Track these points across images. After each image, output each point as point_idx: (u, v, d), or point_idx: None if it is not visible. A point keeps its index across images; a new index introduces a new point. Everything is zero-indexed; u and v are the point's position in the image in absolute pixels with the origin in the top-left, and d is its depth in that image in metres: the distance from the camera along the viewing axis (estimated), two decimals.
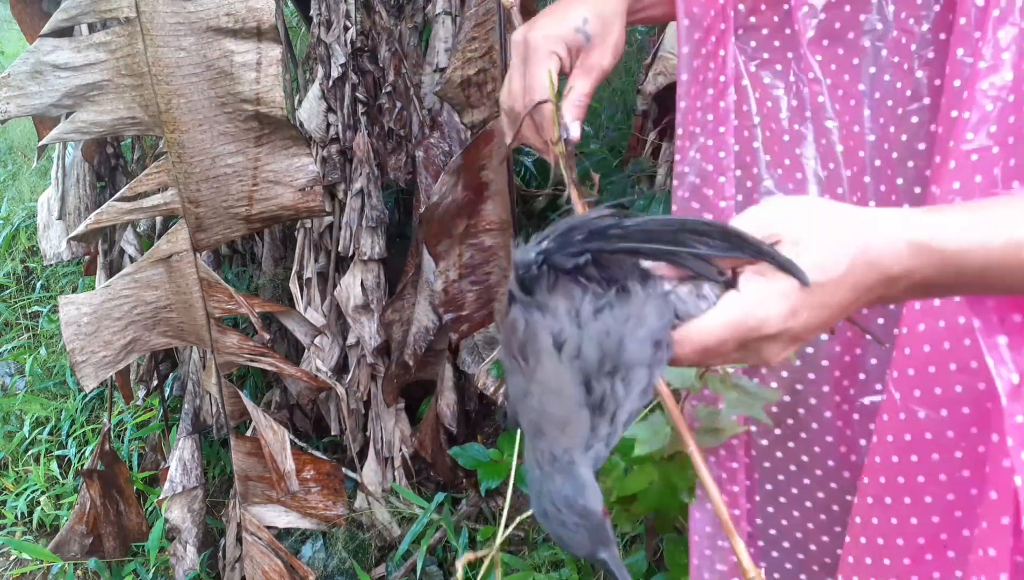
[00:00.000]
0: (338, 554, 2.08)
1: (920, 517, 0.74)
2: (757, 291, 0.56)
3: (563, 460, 0.52)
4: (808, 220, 0.57)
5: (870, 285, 0.56)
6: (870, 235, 0.56)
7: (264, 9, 1.44)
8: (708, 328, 0.56)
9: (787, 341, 0.57)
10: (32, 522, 2.58)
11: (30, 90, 1.42)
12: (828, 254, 0.56)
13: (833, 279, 0.55)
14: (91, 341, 1.58)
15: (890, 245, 0.56)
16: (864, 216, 0.58)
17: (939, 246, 0.56)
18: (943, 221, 0.57)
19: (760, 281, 0.56)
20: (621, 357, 0.53)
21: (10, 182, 4.24)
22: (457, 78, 1.79)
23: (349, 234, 2.09)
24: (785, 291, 0.55)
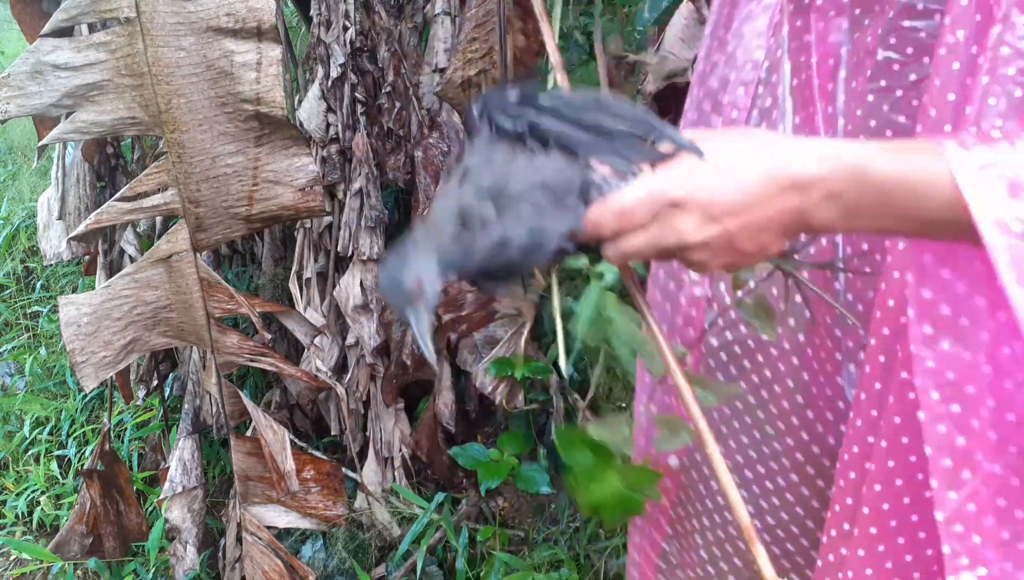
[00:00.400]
0: (338, 554, 2.08)
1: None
2: (666, 168, 0.63)
3: (410, 245, 0.66)
4: (722, 132, 0.65)
5: (781, 183, 0.60)
6: (778, 139, 0.64)
7: (264, 9, 1.44)
8: (623, 194, 0.63)
9: (699, 213, 0.61)
10: (32, 522, 2.58)
11: (30, 90, 1.42)
12: (729, 144, 0.63)
13: (736, 160, 0.61)
14: (91, 341, 1.58)
15: (799, 150, 0.61)
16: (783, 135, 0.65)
17: (848, 158, 0.60)
18: (854, 144, 0.63)
19: (671, 165, 0.63)
20: (504, 188, 0.63)
21: (10, 182, 4.24)
22: (458, 78, 1.79)
23: (348, 234, 2.10)
24: (694, 167, 0.62)
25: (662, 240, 0.63)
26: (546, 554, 1.94)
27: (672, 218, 0.62)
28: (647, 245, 0.63)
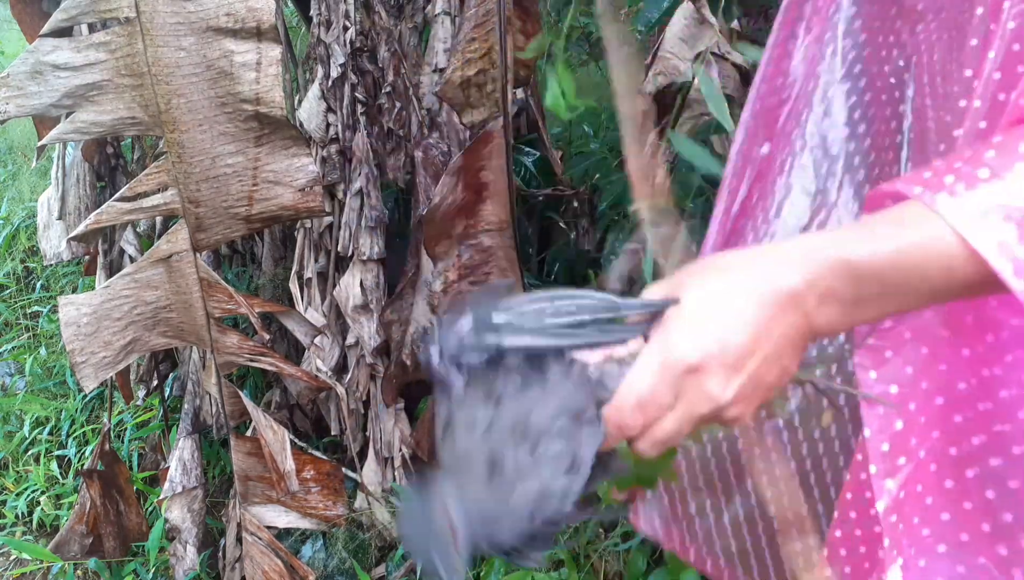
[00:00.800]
0: (338, 554, 2.08)
1: None
2: (662, 334, 0.58)
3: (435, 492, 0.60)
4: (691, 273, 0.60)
5: (777, 304, 0.57)
6: (752, 258, 0.59)
7: (264, 9, 1.44)
8: (633, 382, 0.58)
9: (722, 369, 0.57)
10: (32, 522, 2.58)
11: (30, 90, 1.42)
12: (708, 286, 0.58)
13: (724, 300, 0.57)
14: (91, 341, 1.58)
15: (779, 262, 0.58)
16: (753, 250, 0.60)
17: (831, 252, 0.57)
18: (833, 234, 0.59)
19: (661, 327, 0.58)
20: (529, 428, 0.57)
21: (10, 182, 4.24)
22: (457, 79, 1.79)
23: (348, 234, 2.09)
24: (686, 324, 0.58)
25: (695, 412, 0.58)
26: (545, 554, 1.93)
27: (697, 386, 0.57)
28: (681, 424, 0.59)
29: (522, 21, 1.87)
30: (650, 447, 0.60)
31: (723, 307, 0.57)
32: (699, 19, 1.96)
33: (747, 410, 0.59)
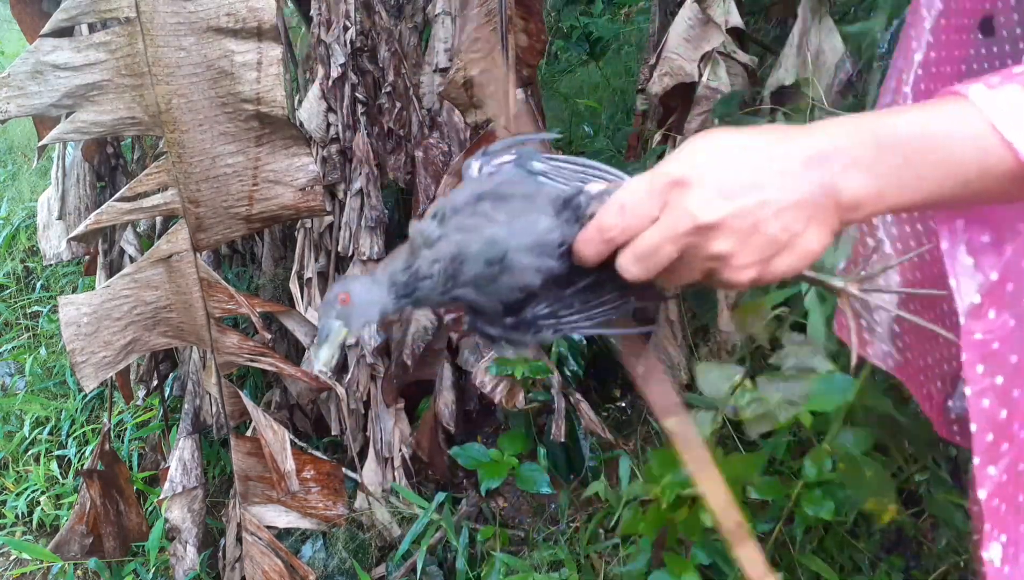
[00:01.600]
0: (338, 554, 2.08)
1: None
2: (667, 159, 0.59)
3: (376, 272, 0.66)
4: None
5: (798, 158, 0.56)
6: (787, 126, 0.59)
7: (264, 9, 1.44)
8: (620, 191, 0.60)
9: (710, 189, 0.56)
10: (32, 522, 2.58)
11: (30, 90, 1.41)
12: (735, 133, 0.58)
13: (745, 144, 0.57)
14: (91, 341, 1.58)
15: (810, 128, 0.57)
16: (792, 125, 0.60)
17: (863, 124, 0.57)
18: (866, 113, 0.59)
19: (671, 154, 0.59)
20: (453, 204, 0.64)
21: (10, 182, 4.24)
22: (460, 79, 1.79)
23: (349, 234, 2.09)
24: (691, 149, 0.58)
25: (676, 227, 0.57)
26: (546, 554, 1.93)
27: (679, 199, 0.57)
28: (661, 237, 0.57)
29: (524, 21, 1.86)
30: (633, 261, 0.59)
31: (735, 145, 0.57)
32: (704, 20, 1.96)
33: (742, 255, 0.57)
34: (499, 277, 0.61)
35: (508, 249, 0.61)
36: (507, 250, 0.61)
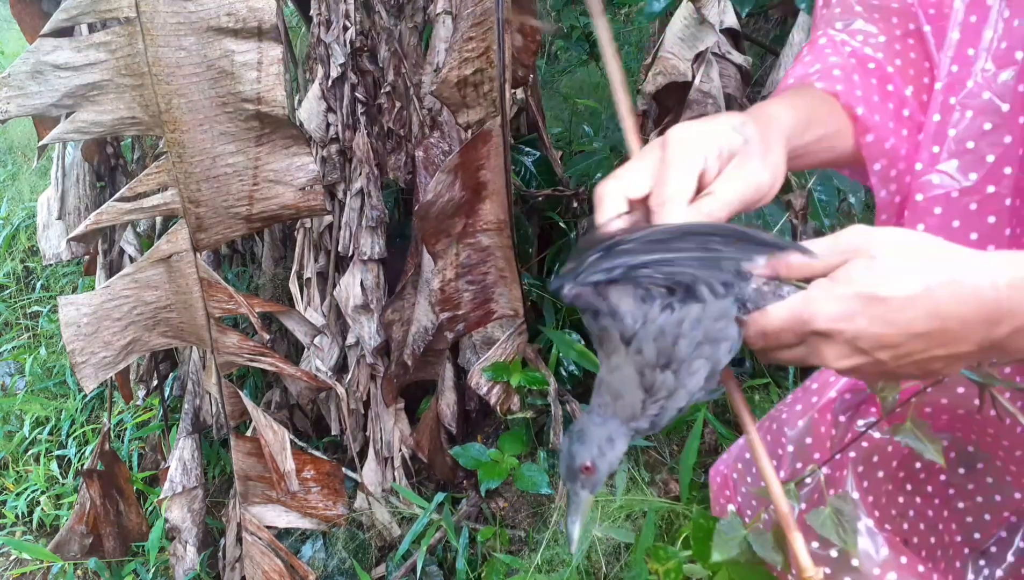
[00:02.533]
0: (338, 554, 2.08)
1: None
2: (818, 289, 0.58)
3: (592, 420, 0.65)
4: (892, 242, 0.57)
5: (964, 318, 0.53)
6: (961, 266, 0.54)
7: (265, 9, 1.44)
8: (769, 314, 0.60)
9: (845, 346, 0.57)
10: (32, 522, 2.58)
11: (30, 90, 1.41)
12: (901, 270, 0.55)
13: (901, 296, 0.54)
14: (91, 341, 1.58)
15: (986, 276, 0.53)
16: (960, 250, 0.56)
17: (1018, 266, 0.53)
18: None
19: (825, 283, 0.58)
20: (675, 354, 0.61)
21: (10, 182, 4.24)
22: (454, 78, 1.79)
23: (349, 234, 2.09)
24: (844, 294, 0.56)
25: (806, 360, 0.60)
26: (547, 555, 1.94)
27: (817, 344, 0.59)
28: (793, 361, 0.62)
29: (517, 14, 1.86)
30: (760, 355, 0.63)
31: (894, 288, 0.55)
32: (699, 19, 1.96)
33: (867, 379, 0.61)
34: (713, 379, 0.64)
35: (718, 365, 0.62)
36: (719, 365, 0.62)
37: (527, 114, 2.42)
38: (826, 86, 0.78)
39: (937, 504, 0.94)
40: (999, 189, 0.77)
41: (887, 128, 0.80)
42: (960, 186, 0.78)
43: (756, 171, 0.66)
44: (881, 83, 0.81)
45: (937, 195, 0.78)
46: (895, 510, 0.92)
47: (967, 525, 0.94)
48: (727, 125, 0.67)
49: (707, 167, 0.65)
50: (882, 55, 0.82)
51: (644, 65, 2.37)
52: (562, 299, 0.64)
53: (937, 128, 0.78)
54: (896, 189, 0.83)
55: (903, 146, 0.81)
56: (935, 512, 0.94)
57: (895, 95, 0.82)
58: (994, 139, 0.76)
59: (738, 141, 0.66)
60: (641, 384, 0.62)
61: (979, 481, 0.91)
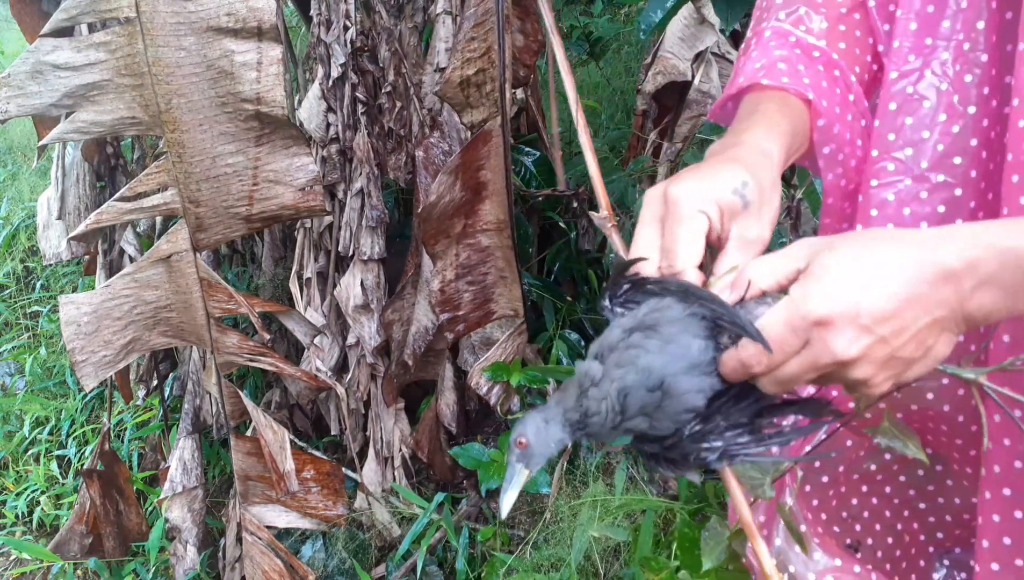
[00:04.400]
0: (338, 554, 2.08)
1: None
2: (801, 285, 0.60)
3: (547, 406, 0.71)
4: (844, 236, 0.61)
5: (929, 278, 0.57)
6: (909, 234, 0.60)
7: (265, 9, 1.44)
8: (766, 321, 0.61)
9: (850, 327, 0.58)
10: (32, 522, 2.58)
11: (30, 90, 1.42)
12: (859, 250, 0.59)
13: (873, 265, 0.58)
14: (91, 341, 1.58)
15: (937, 242, 0.58)
16: (912, 230, 0.60)
17: (991, 239, 0.57)
18: (992, 224, 0.59)
19: (803, 280, 0.60)
20: (608, 341, 0.67)
21: (10, 182, 4.24)
22: (456, 78, 1.79)
23: (349, 234, 2.09)
24: (829, 279, 0.59)
25: (817, 361, 0.60)
26: (547, 554, 1.93)
27: (822, 338, 0.59)
28: (802, 370, 0.60)
29: (521, 20, 1.86)
30: (772, 385, 0.62)
31: (868, 270, 0.58)
32: (699, 19, 1.96)
33: (878, 377, 0.60)
34: (663, 403, 0.64)
35: (665, 374, 0.63)
36: (664, 375, 0.63)
37: (527, 114, 2.42)
38: (772, 82, 0.80)
39: (897, 504, 0.95)
40: (949, 179, 0.79)
41: (835, 113, 0.82)
42: (913, 174, 0.80)
43: (757, 234, 0.69)
44: (828, 70, 0.83)
45: (891, 181, 0.80)
46: (846, 512, 0.93)
47: (929, 525, 0.95)
48: (728, 186, 0.69)
49: (710, 228, 0.68)
50: (825, 42, 0.83)
51: (644, 65, 2.37)
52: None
53: (893, 116, 0.79)
54: (842, 173, 0.85)
55: (848, 131, 0.83)
56: (893, 512, 0.95)
57: (841, 81, 0.84)
58: (946, 129, 0.78)
59: (739, 204, 0.68)
60: (579, 381, 0.68)
61: (939, 482, 0.92)
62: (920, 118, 0.78)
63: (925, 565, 0.97)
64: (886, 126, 0.79)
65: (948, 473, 0.91)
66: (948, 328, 0.59)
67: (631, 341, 0.65)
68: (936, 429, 0.86)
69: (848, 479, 0.92)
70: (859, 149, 0.85)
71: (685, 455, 0.65)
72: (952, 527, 0.94)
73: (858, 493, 0.93)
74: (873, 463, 0.92)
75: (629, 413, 0.65)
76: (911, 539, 0.96)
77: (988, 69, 0.77)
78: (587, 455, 2.07)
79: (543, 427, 0.69)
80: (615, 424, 0.66)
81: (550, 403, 0.71)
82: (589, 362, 0.68)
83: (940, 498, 0.93)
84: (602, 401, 0.65)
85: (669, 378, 0.63)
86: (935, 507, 0.94)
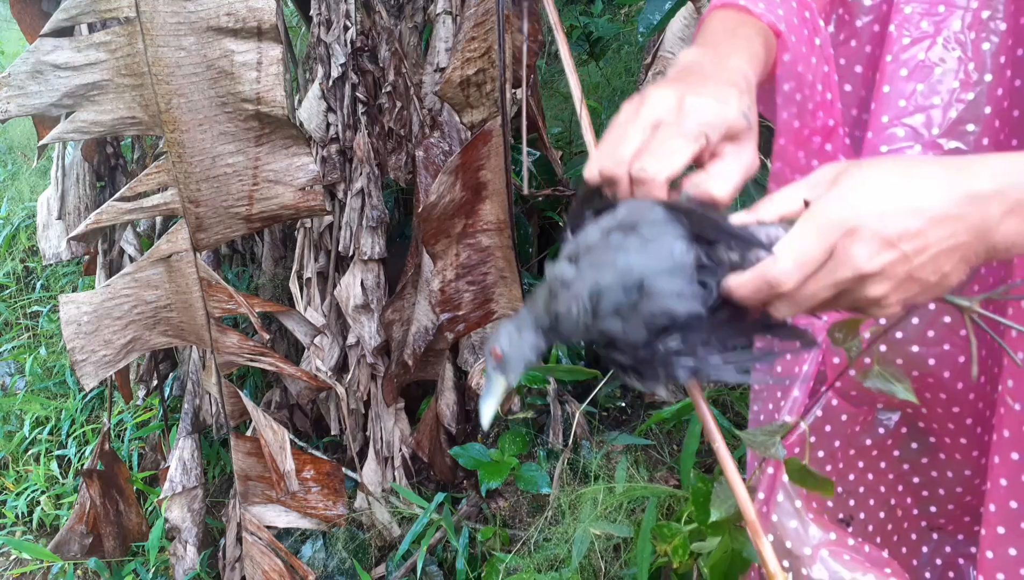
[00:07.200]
0: (338, 554, 2.08)
1: None
2: (825, 198, 0.59)
3: (519, 316, 0.70)
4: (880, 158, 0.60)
5: (959, 200, 0.56)
6: (943, 159, 0.58)
7: (264, 9, 1.44)
8: (795, 242, 0.58)
9: (876, 240, 0.56)
10: (32, 522, 2.58)
11: (30, 90, 1.42)
12: (893, 168, 0.58)
13: (905, 181, 0.57)
14: (91, 340, 1.58)
15: (970, 166, 0.57)
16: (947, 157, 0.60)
17: (1015, 158, 0.56)
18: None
19: (832, 190, 0.59)
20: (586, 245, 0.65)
21: (10, 182, 4.24)
22: (456, 78, 1.79)
23: (349, 234, 2.09)
24: (851, 190, 0.57)
25: (837, 275, 0.57)
26: (547, 554, 1.93)
27: (845, 248, 0.57)
28: (822, 286, 0.58)
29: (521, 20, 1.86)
30: (787, 309, 0.60)
31: (896, 186, 0.57)
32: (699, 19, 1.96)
33: (892, 297, 0.58)
34: (639, 304, 0.61)
35: (645, 274, 0.61)
36: (644, 276, 0.61)
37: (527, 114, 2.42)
38: (749, 5, 0.79)
39: (891, 479, 0.95)
40: (961, 146, 0.79)
41: (801, 52, 0.81)
42: (923, 140, 0.79)
43: (751, 159, 0.68)
44: (800, 9, 0.83)
45: (900, 147, 0.80)
46: (842, 487, 0.93)
47: (923, 499, 0.95)
48: (737, 108, 0.67)
49: (708, 143, 0.66)
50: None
51: (644, 64, 2.37)
52: None
53: (904, 82, 0.79)
54: (797, 113, 0.84)
55: (811, 73, 0.83)
56: (888, 487, 0.95)
57: (810, 23, 0.83)
58: (960, 96, 0.77)
59: (744, 126, 0.67)
60: (550, 285, 0.66)
61: (932, 456, 0.92)
62: (932, 85, 0.78)
63: (917, 539, 0.97)
64: (896, 92, 0.78)
65: (941, 446, 0.91)
66: (967, 257, 0.58)
67: (610, 241, 0.63)
68: (934, 398, 0.86)
69: (845, 455, 0.93)
70: (819, 95, 0.84)
71: (655, 369, 0.63)
72: (945, 501, 0.94)
73: (854, 468, 0.94)
74: (869, 438, 0.92)
75: (602, 314, 0.62)
76: (904, 513, 0.96)
77: (1005, 39, 0.77)
78: (587, 454, 2.07)
79: (515, 335, 0.68)
80: (587, 326, 0.63)
81: (521, 311, 0.69)
82: (561, 264, 0.66)
83: (934, 472, 0.93)
84: (572, 303, 0.63)
85: (649, 278, 0.61)
86: (929, 481, 0.94)
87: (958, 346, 0.83)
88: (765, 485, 0.85)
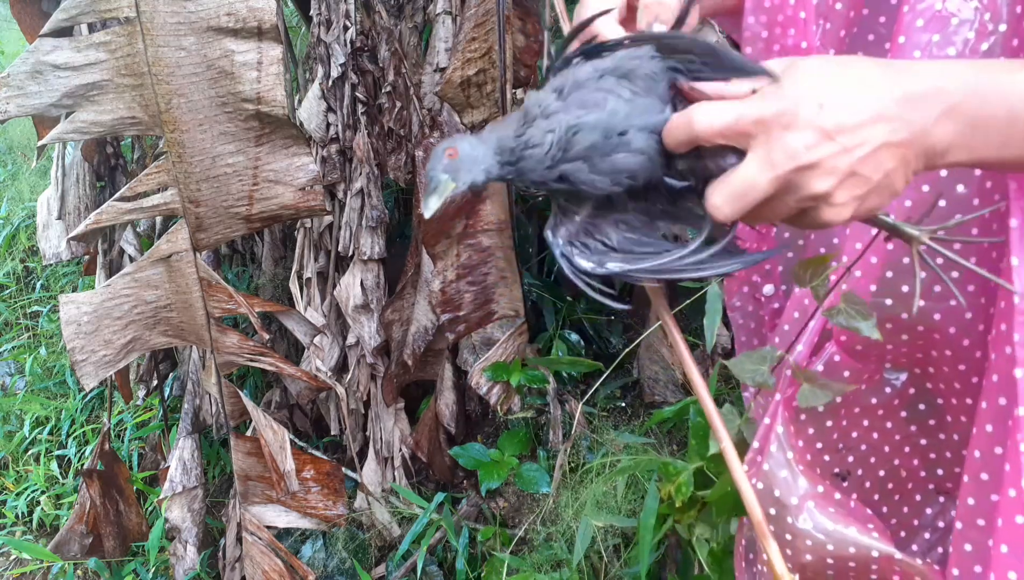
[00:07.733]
0: (338, 554, 2.08)
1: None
2: (769, 91, 0.59)
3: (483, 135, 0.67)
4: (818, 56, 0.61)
5: (896, 97, 0.57)
6: (883, 61, 0.59)
7: (265, 9, 1.44)
8: (737, 103, 0.59)
9: (812, 130, 0.56)
10: (32, 522, 2.58)
11: (30, 90, 1.42)
12: (833, 65, 0.58)
13: (844, 78, 0.57)
14: (91, 340, 1.58)
15: (908, 66, 0.58)
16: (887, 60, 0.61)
17: (963, 72, 0.57)
18: (967, 61, 0.59)
19: (774, 84, 0.59)
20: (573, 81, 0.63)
21: (10, 182, 4.24)
22: (457, 78, 1.79)
23: (349, 234, 2.09)
24: (792, 87, 0.58)
25: (774, 163, 0.57)
26: (547, 554, 1.93)
27: (781, 136, 0.57)
28: (759, 172, 0.58)
29: (522, 21, 1.86)
30: (727, 199, 0.59)
31: (836, 81, 0.57)
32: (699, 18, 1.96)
33: (839, 195, 0.58)
34: (614, 153, 0.61)
35: (630, 125, 0.60)
36: (629, 126, 0.60)
37: None
38: None
39: (898, 440, 0.94)
40: None
41: None
42: None
43: None
44: None
45: None
46: (843, 443, 0.93)
47: (930, 461, 0.95)
48: None
49: None
50: None
51: None
52: None
53: (920, 32, 0.78)
54: (767, 23, 0.83)
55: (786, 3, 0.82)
56: (893, 447, 0.95)
57: None
58: (975, 46, 0.78)
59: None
60: (527, 110, 0.64)
61: (940, 418, 0.92)
62: (947, 35, 0.77)
63: (921, 499, 0.97)
64: (912, 43, 0.78)
65: (948, 408, 0.91)
66: (907, 158, 0.58)
67: (602, 84, 0.62)
68: (940, 356, 0.86)
69: (849, 411, 0.92)
70: (791, 8, 0.83)
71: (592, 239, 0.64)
72: (951, 464, 0.93)
73: (858, 426, 0.93)
74: (874, 397, 0.92)
75: (571, 153, 0.61)
76: (909, 474, 0.96)
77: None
78: (587, 455, 2.07)
79: (476, 145, 0.65)
80: (552, 163, 0.62)
81: (484, 130, 0.66)
82: (546, 92, 0.64)
83: (941, 434, 0.93)
84: (548, 133, 0.62)
85: (632, 131, 0.60)
86: (937, 444, 0.93)
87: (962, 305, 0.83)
88: (760, 435, 0.86)
